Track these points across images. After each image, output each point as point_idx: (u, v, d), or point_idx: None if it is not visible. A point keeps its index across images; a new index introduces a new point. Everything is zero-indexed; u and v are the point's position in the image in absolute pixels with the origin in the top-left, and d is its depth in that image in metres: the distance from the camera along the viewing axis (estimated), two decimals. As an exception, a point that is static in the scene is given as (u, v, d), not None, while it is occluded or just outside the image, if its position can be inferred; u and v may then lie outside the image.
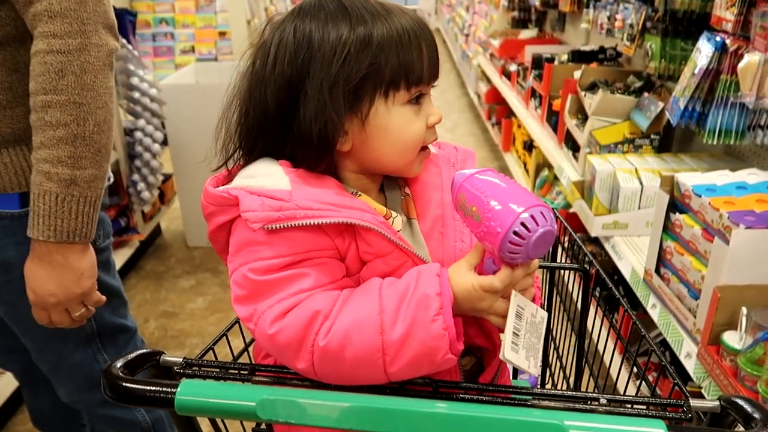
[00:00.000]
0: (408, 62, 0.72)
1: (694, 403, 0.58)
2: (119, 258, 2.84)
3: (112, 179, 1.26)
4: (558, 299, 1.24)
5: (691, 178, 1.51)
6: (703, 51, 1.69)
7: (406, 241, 0.74)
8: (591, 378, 1.09)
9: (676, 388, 0.67)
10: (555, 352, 1.24)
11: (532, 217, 0.62)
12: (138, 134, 2.78)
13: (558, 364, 1.23)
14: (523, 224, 0.62)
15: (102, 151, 1.02)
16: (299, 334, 0.65)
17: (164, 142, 3.03)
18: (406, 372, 0.66)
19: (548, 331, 1.08)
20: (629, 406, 0.59)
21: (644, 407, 0.59)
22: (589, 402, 0.58)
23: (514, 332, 0.65)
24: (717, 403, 0.58)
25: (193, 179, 3.15)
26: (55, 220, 0.99)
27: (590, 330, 1.17)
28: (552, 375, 1.16)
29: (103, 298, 1.13)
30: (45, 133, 0.97)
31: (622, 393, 1.16)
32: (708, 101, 1.71)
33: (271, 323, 0.66)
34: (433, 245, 0.79)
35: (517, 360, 0.62)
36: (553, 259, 1.18)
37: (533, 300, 0.72)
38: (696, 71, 1.70)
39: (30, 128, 1.00)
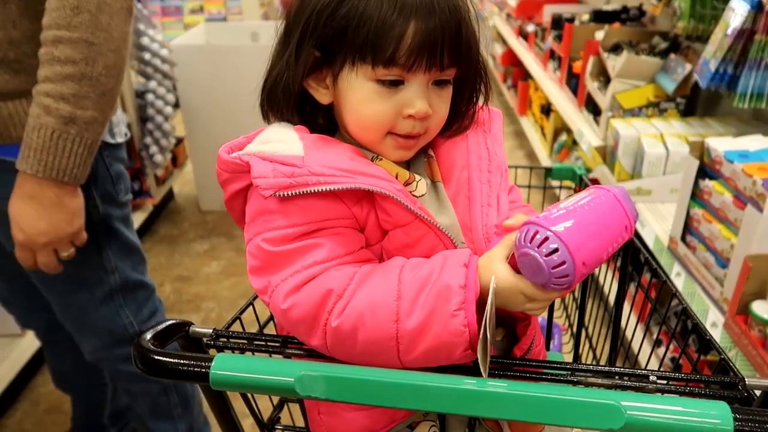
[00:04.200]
0: (377, 38, 0.66)
1: (750, 381, 0.55)
2: (133, 222, 2.83)
3: (128, 135, 1.24)
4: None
5: (722, 144, 1.47)
6: (738, 10, 1.62)
7: (427, 211, 0.69)
8: (616, 353, 1.07)
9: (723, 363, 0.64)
10: (585, 329, 1.21)
11: (545, 239, 0.56)
12: (149, 96, 2.73)
13: (586, 337, 1.20)
14: (536, 233, 0.57)
15: (107, 95, 1.00)
16: (312, 311, 0.63)
17: (176, 105, 2.98)
18: (422, 362, 0.62)
19: (583, 304, 1.05)
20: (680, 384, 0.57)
21: (698, 386, 0.56)
22: (638, 379, 0.56)
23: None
24: (774, 381, 0.55)
25: (205, 142, 3.12)
26: (46, 156, 0.97)
27: (607, 298, 1.15)
28: (578, 350, 1.13)
29: (86, 236, 1.11)
30: (52, 67, 0.95)
31: (644, 366, 1.14)
32: (740, 63, 1.64)
33: (284, 297, 0.64)
34: (460, 210, 0.75)
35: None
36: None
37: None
38: (729, 31, 1.64)
39: None
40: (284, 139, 0.70)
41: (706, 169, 1.50)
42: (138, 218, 2.89)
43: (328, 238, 0.66)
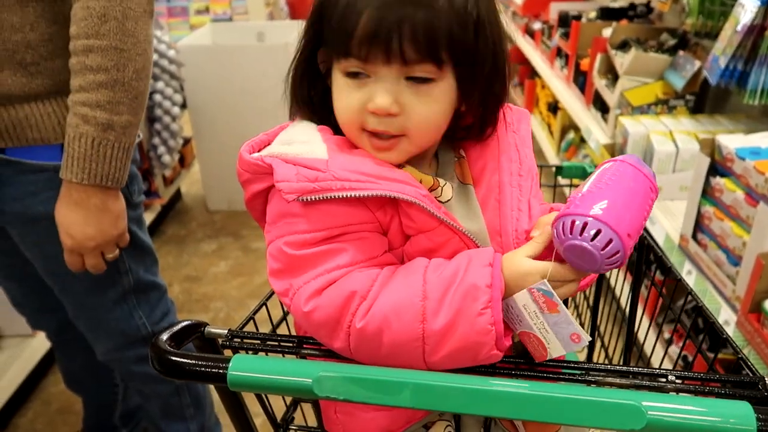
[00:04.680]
0: (338, 28, 0.65)
1: (770, 380, 0.55)
2: (141, 222, 2.84)
3: (141, 136, 1.25)
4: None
5: (733, 141, 1.46)
6: (747, 6, 1.61)
7: (453, 216, 0.69)
8: (630, 353, 1.06)
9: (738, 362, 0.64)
10: (597, 329, 1.20)
11: (598, 231, 0.57)
12: (157, 97, 2.74)
13: (598, 336, 1.20)
14: (572, 222, 0.58)
15: (139, 98, 1.03)
16: (335, 313, 0.62)
17: (183, 105, 2.99)
18: (447, 364, 0.62)
19: (596, 304, 1.05)
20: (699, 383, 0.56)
21: (717, 386, 0.56)
22: (656, 379, 0.56)
23: (540, 332, 0.61)
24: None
25: (212, 142, 3.12)
26: (90, 164, 1.00)
27: (618, 297, 1.14)
28: (591, 349, 1.13)
29: (129, 237, 1.15)
30: (85, 76, 0.97)
31: (655, 365, 1.13)
32: (750, 59, 1.63)
33: (306, 300, 0.63)
34: (489, 214, 0.74)
35: (566, 348, 0.61)
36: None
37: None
38: (739, 27, 1.63)
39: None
40: (308, 140, 0.69)
41: (717, 167, 1.49)
42: (146, 218, 2.88)
43: (351, 243, 0.66)
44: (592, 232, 0.57)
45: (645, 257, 0.99)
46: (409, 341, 0.60)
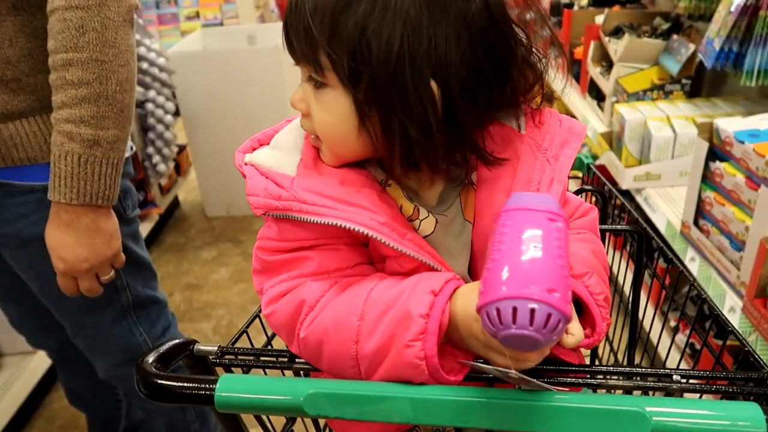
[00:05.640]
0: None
1: (780, 376, 0.53)
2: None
3: (134, 149, 1.23)
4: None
5: (731, 124, 1.43)
6: (740, -14, 1.58)
7: (421, 246, 0.63)
8: (634, 347, 1.04)
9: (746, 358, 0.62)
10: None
11: (514, 309, 0.47)
12: (149, 106, 2.72)
13: (606, 340, 1.17)
14: (498, 310, 0.48)
15: (125, 111, 0.99)
16: (288, 321, 0.63)
17: (176, 113, 2.97)
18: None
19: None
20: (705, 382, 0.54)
21: (724, 383, 0.54)
22: (661, 379, 0.54)
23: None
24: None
25: (208, 148, 3.11)
26: (77, 182, 0.96)
27: (622, 286, 1.12)
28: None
29: (124, 257, 1.11)
30: (66, 92, 0.93)
31: (663, 356, 1.11)
32: (745, 40, 1.61)
33: (266, 304, 0.65)
34: (484, 258, 0.67)
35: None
36: (603, 221, 1.11)
37: None
38: (732, 9, 1.60)
39: None
40: (288, 148, 0.68)
41: (716, 151, 1.47)
42: (144, 228, 2.88)
43: (321, 252, 0.64)
44: (538, 317, 0.47)
45: (646, 248, 0.97)
46: (344, 359, 0.59)
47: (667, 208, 1.76)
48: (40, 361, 1.98)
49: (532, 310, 0.47)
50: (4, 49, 0.97)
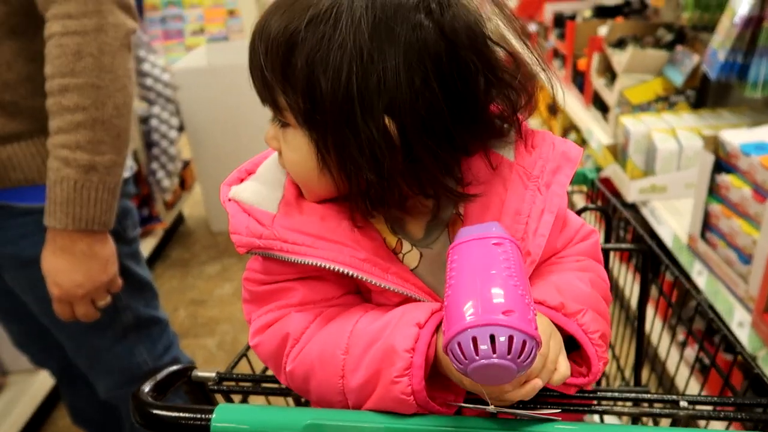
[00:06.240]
0: None
1: (790, 403, 0.51)
2: (144, 248, 2.83)
3: (136, 168, 1.23)
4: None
5: (737, 136, 1.42)
6: (744, -3, 1.58)
7: (406, 280, 0.61)
8: (641, 367, 1.02)
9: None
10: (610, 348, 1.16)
11: (474, 339, 0.46)
12: (153, 122, 2.73)
13: (612, 356, 1.16)
14: (459, 345, 0.46)
15: (122, 136, 0.99)
16: (274, 353, 0.62)
17: (180, 128, 2.98)
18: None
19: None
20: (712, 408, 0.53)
21: (731, 410, 0.52)
22: (667, 405, 0.52)
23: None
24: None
25: (212, 163, 3.11)
26: (73, 208, 0.95)
27: (628, 299, 1.10)
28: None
29: (121, 282, 1.11)
30: (62, 117, 0.94)
31: (670, 369, 1.10)
32: (750, 51, 1.60)
33: (252, 335, 0.64)
34: None
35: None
36: (607, 239, 1.10)
37: None
38: (736, 20, 1.59)
39: None
40: (271, 182, 0.66)
41: (722, 163, 1.46)
42: (149, 244, 2.88)
43: (306, 284, 0.63)
44: (504, 346, 0.45)
45: (652, 263, 0.96)
46: (332, 393, 0.58)
47: (673, 220, 1.74)
48: (45, 379, 1.97)
49: (492, 336, 0.45)
50: (2, 73, 0.98)
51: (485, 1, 0.60)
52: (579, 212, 1.04)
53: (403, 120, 0.54)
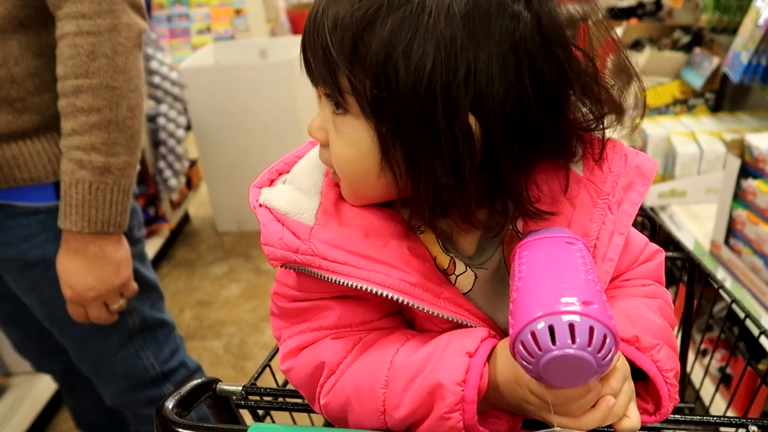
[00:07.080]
0: None
1: None
2: (150, 248, 2.79)
3: (139, 167, 1.20)
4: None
5: (764, 141, 1.38)
6: (769, -1, 1.54)
7: (457, 307, 0.56)
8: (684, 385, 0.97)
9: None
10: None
11: (551, 328, 0.41)
12: (161, 120, 2.69)
13: None
14: (533, 334, 0.42)
15: (135, 137, 0.97)
16: (308, 381, 0.57)
17: (188, 127, 2.95)
18: None
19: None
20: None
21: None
22: (737, 430, 0.49)
23: None
24: None
25: (219, 163, 3.07)
26: (88, 210, 0.94)
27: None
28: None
29: (136, 286, 1.09)
30: (76, 119, 0.92)
31: (695, 381, 1.05)
32: (774, 54, 1.56)
33: (283, 358, 0.59)
34: None
35: None
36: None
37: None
38: (761, 22, 1.56)
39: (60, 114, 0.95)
40: (307, 188, 0.59)
41: (748, 168, 1.42)
42: (155, 244, 2.84)
43: (343, 303, 0.58)
44: (590, 336, 0.41)
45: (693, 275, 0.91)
46: (374, 425, 0.53)
47: (694, 226, 1.71)
48: (48, 381, 1.93)
49: (571, 325, 0.41)
50: (9, 68, 0.95)
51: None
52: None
53: (488, 118, 0.48)
